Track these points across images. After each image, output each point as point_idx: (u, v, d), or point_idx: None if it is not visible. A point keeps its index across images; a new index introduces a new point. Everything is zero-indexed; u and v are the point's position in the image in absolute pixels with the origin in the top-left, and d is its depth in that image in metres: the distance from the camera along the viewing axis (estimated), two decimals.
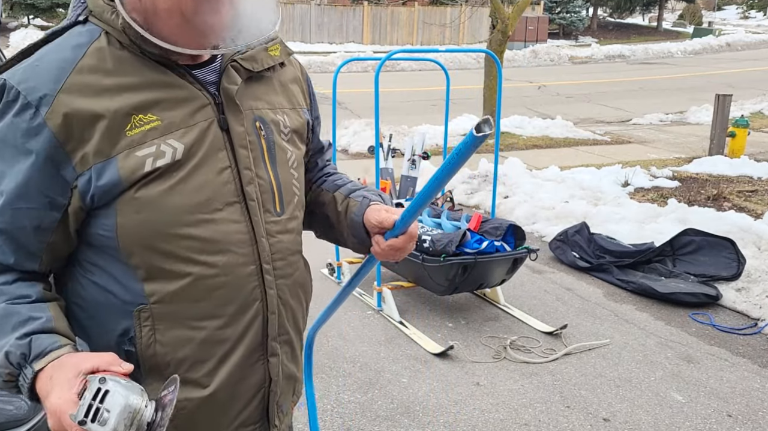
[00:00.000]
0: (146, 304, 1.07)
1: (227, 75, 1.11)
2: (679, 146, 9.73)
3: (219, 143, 1.09)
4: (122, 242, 1.04)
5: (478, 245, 3.79)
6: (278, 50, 1.22)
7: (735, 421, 3.02)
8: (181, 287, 1.07)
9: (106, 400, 0.89)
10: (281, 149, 1.18)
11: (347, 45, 25.95)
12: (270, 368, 1.19)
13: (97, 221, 1.04)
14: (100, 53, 1.03)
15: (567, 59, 23.72)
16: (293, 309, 1.23)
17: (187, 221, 1.05)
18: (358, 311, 4.10)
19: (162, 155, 1.03)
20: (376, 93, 3.92)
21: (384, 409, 3.06)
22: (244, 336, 1.14)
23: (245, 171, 1.11)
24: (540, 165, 7.70)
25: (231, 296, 1.11)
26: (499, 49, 9.52)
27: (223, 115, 1.10)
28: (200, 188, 1.06)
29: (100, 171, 1.01)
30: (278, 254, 1.16)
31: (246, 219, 1.11)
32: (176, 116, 1.06)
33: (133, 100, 1.03)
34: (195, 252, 1.06)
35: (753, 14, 48.83)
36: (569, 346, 3.66)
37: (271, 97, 1.20)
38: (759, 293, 4.25)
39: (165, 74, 1.06)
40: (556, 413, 3.05)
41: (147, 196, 1.03)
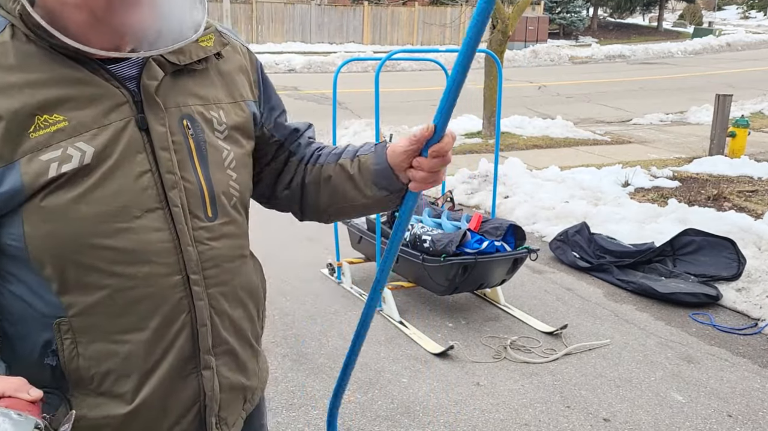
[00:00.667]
0: (65, 316, 1.01)
1: (148, 69, 1.02)
2: (680, 146, 9.73)
3: (137, 144, 1.00)
4: (32, 252, 0.97)
5: (478, 245, 3.79)
6: (211, 40, 1.13)
7: (735, 421, 3.02)
8: (98, 300, 1.01)
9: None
10: (214, 149, 1.09)
11: (347, 45, 25.96)
12: (203, 382, 1.12)
13: (5, 231, 0.98)
14: (3, 47, 0.95)
15: (567, 59, 23.72)
16: (232, 318, 1.15)
17: (101, 231, 0.98)
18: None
19: (68, 159, 0.95)
20: (376, 93, 3.92)
21: (384, 409, 3.06)
22: (170, 349, 1.07)
23: (167, 175, 1.03)
24: (540, 165, 7.70)
25: (154, 308, 1.04)
26: (500, 49, 9.52)
27: (142, 114, 1.01)
28: (115, 195, 0.99)
29: (1, 177, 0.93)
30: (210, 262, 1.09)
31: (170, 227, 1.03)
32: (86, 116, 0.97)
33: (36, 99, 0.94)
34: (111, 263, 1.00)
35: (753, 14, 48.83)
36: (569, 346, 3.66)
37: (207, 91, 1.11)
38: (759, 294, 4.25)
39: (75, 70, 0.97)
40: (557, 413, 3.05)
41: (54, 205, 0.95)
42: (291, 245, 4.76)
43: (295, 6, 26.22)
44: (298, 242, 5.03)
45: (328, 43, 26.22)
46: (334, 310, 4.08)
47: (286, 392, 3.17)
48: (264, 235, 5.02)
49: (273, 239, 5.05)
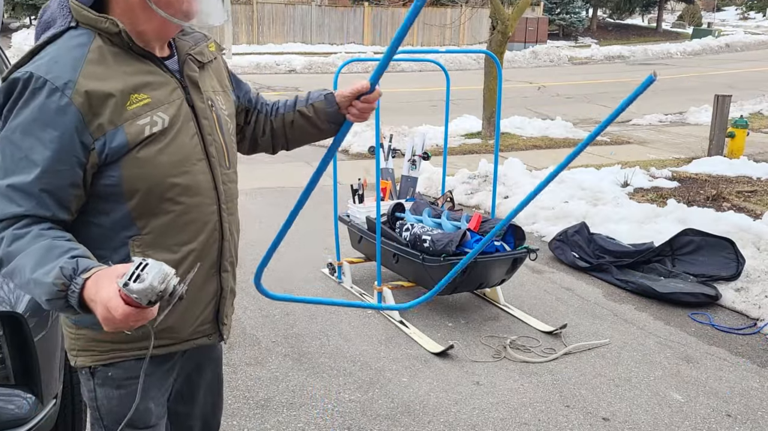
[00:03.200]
0: (139, 234, 1.41)
1: (188, 65, 1.49)
2: (679, 146, 9.75)
3: (189, 115, 1.45)
4: (126, 188, 1.36)
5: (478, 245, 3.80)
6: (213, 47, 1.60)
7: (734, 421, 3.03)
8: (165, 221, 1.42)
9: (146, 268, 1.16)
10: (224, 122, 1.56)
11: (348, 46, 25.96)
12: (222, 280, 1.58)
13: (105, 174, 1.35)
14: (100, 50, 1.36)
15: (567, 60, 23.73)
16: (235, 240, 1.61)
17: (173, 172, 1.40)
18: (359, 310, 4.11)
19: (155, 123, 1.38)
20: None
21: (384, 408, 3.06)
22: (207, 255, 1.51)
23: (207, 136, 1.48)
24: (540, 165, 7.71)
25: (202, 227, 1.48)
26: (499, 49, 9.53)
27: (189, 95, 1.46)
28: (180, 149, 1.42)
29: (112, 136, 1.33)
30: (228, 197, 1.55)
31: (209, 171, 1.49)
32: (160, 95, 1.40)
33: (130, 83, 1.36)
34: (178, 195, 1.42)
35: (752, 15, 48.84)
36: (569, 346, 3.67)
37: (213, 83, 1.57)
38: (758, 293, 4.26)
39: (147, 65, 1.41)
40: (556, 412, 3.06)
41: (146, 155, 1.36)
42: (292, 245, 4.76)
43: (295, 7, 26.22)
44: (298, 242, 5.03)
45: (328, 43, 26.22)
46: (335, 309, 4.08)
47: (286, 391, 3.18)
48: (265, 235, 5.03)
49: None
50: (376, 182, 4.09)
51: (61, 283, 1.21)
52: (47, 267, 1.23)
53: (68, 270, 1.22)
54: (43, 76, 1.29)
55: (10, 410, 2.10)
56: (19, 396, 2.13)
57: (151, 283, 1.15)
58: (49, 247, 1.27)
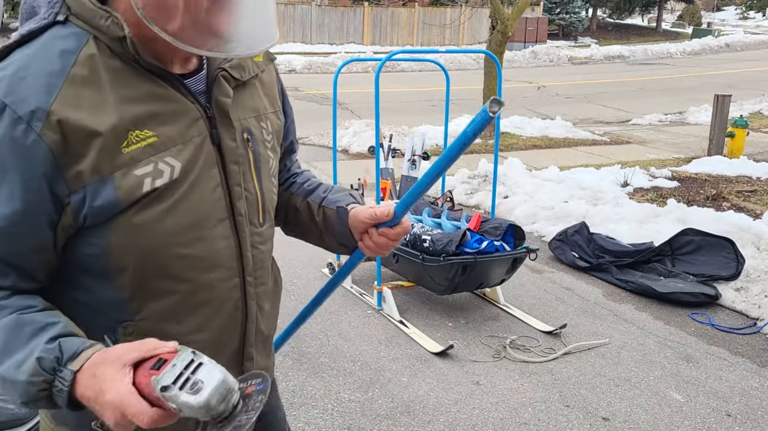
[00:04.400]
0: (132, 320, 1.04)
1: (218, 86, 1.06)
2: (678, 146, 9.75)
3: (211, 159, 1.05)
4: (114, 262, 0.99)
5: (477, 244, 3.80)
6: (261, 56, 1.18)
7: (734, 420, 3.03)
8: (168, 305, 1.05)
9: (200, 372, 0.83)
10: (265, 160, 1.16)
11: (348, 46, 25.97)
12: (244, 370, 1.20)
13: (86, 240, 0.98)
14: (91, 62, 0.95)
15: (566, 60, 23.73)
16: (268, 313, 1.24)
17: (181, 241, 1.02)
18: (359, 310, 4.11)
19: (160, 174, 0.98)
20: (376, 93, 3.93)
21: (384, 408, 3.07)
22: (224, 345, 1.15)
23: (236, 187, 1.09)
24: (540, 165, 7.71)
25: (216, 310, 1.10)
26: (499, 49, 9.53)
27: (216, 129, 1.05)
28: (196, 208, 1.03)
29: (95, 191, 0.94)
30: (259, 264, 1.17)
31: (234, 234, 1.10)
32: (172, 131, 1.00)
33: (129, 115, 0.96)
34: (186, 270, 1.04)
35: (752, 15, 48.87)
36: (569, 345, 3.67)
37: (256, 102, 1.16)
38: (758, 293, 4.26)
39: (159, 86, 1.00)
40: (556, 412, 3.06)
41: (144, 219, 0.98)
42: (292, 245, 4.75)
43: (295, 6, 26.22)
44: (298, 242, 5.03)
45: (328, 43, 26.22)
46: (335, 309, 4.09)
47: (286, 391, 3.18)
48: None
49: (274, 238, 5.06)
50: (376, 182, 4.09)
51: (40, 381, 0.89)
52: (17, 357, 0.90)
53: (48, 361, 0.89)
54: (2, 98, 0.91)
55: (10, 410, 2.10)
56: None
57: (209, 400, 0.81)
58: (16, 325, 0.93)
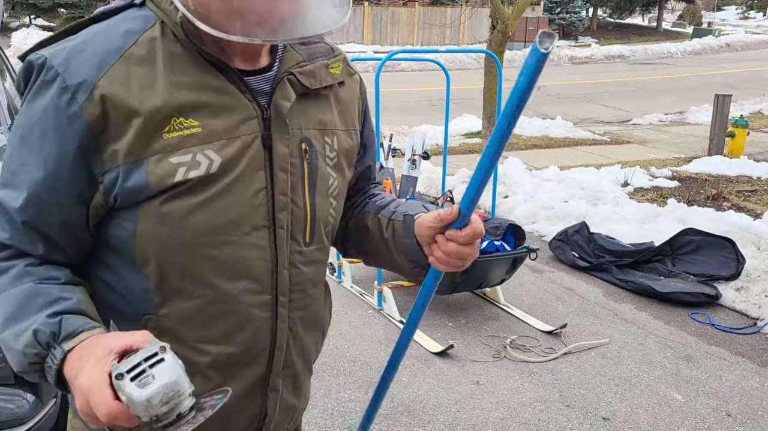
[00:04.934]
0: (154, 314, 1.00)
1: (281, 88, 1.01)
2: (679, 146, 9.75)
3: (259, 161, 0.99)
4: (138, 249, 0.96)
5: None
6: (339, 68, 1.12)
7: (734, 420, 3.03)
8: (190, 308, 1.00)
9: (158, 367, 0.80)
10: (323, 176, 1.08)
11: (348, 45, 25.95)
12: (268, 402, 1.12)
13: (116, 223, 0.97)
14: (151, 44, 0.95)
15: (567, 59, 23.73)
16: (304, 342, 1.14)
17: (210, 241, 0.97)
18: (359, 310, 4.11)
19: (196, 165, 0.94)
20: (376, 93, 3.93)
21: (384, 408, 3.06)
22: (247, 368, 1.07)
23: (280, 196, 1.02)
24: (540, 165, 7.71)
25: (240, 325, 1.03)
26: (499, 49, 9.53)
27: (269, 131, 1.00)
28: (231, 208, 0.97)
29: (128, 172, 0.92)
30: (297, 286, 1.08)
31: (271, 246, 1.02)
32: (219, 125, 0.96)
33: (177, 101, 0.94)
34: (211, 275, 0.99)
35: (752, 15, 48.86)
36: (569, 345, 3.67)
37: (326, 116, 1.09)
38: (758, 293, 4.26)
39: (216, 77, 0.97)
40: (556, 412, 3.06)
41: (173, 209, 0.94)
42: None
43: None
44: None
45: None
46: (335, 309, 4.05)
47: None
48: None
49: None
50: None
51: (33, 353, 0.88)
52: (21, 325, 0.90)
53: (45, 335, 0.88)
54: (56, 66, 0.92)
55: (10, 409, 2.10)
56: (19, 395, 2.13)
57: (151, 397, 0.78)
58: (31, 293, 0.92)
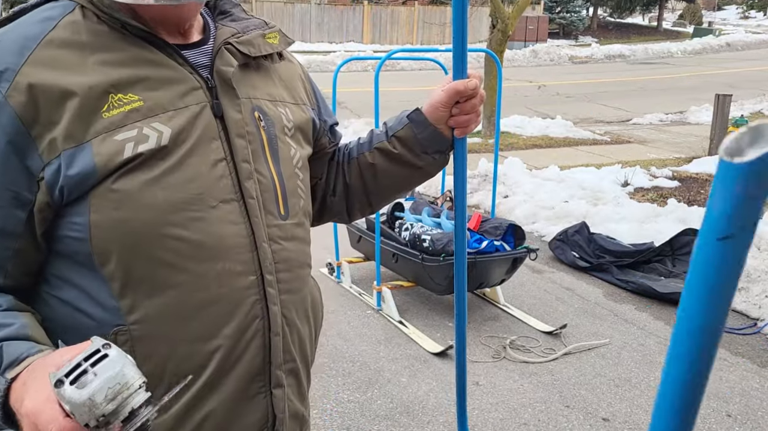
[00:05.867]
0: (123, 324, 0.89)
1: (221, 57, 0.97)
2: (679, 145, 9.74)
3: (212, 130, 0.94)
4: (96, 245, 0.87)
5: (477, 244, 3.79)
6: (276, 38, 1.08)
7: (734, 421, 3.02)
8: (165, 301, 0.90)
9: (99, 364, 0.72)
10: (284, 145, 1.03)
11: (347, 44, 25.94)
12: (275, 402, 1.00)
13: (67, 221, 0.88)
14: (73, 26, 0.90)
15: (567, 59, 23.71)
16: (300, 332, 1.04)
17: (174, 220, 0.89)
18: (358, 310, 4.10)
19: (144, 139, 0.88)
20: (376, 92, 3.91)
21: (383, 408, 3.06)
22: (240, 361, 0.95)
23: (243, 164, 0.95)
24: (540, 165, 7.70)
25: (227, 313, 0.93)
26: (499, 48, 9.52)
27: (217, 100, 0.95)
28: (190, 181, 0.90)
29: (71, 158, 0.85)
30: (283, 264, 0.99)
31: (245, 220, 0.95)
32: (162, 97, 0.91)
33: (110, 77, 0.88)
34: (183, 258, 0.89)
35: (753, 14, 48.84)
36: (569, 346, 3.67)
37: (271, 89, 1.06)
38: (758, 293, 4.25)
39: (150, 51, 0.92)
40: (556, 412, 3.06)
41: (127, 188, 0.86)
42: None
43: (294, 5, 26.21)
44: None
45: (327, 42, 26.21)
46: (333, 309, 4.08)
47: None
48: None
49: None
50: None
51: None
52: None
53: None
54: None
55: None
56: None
57: (93, 395, 0.69)
58: None
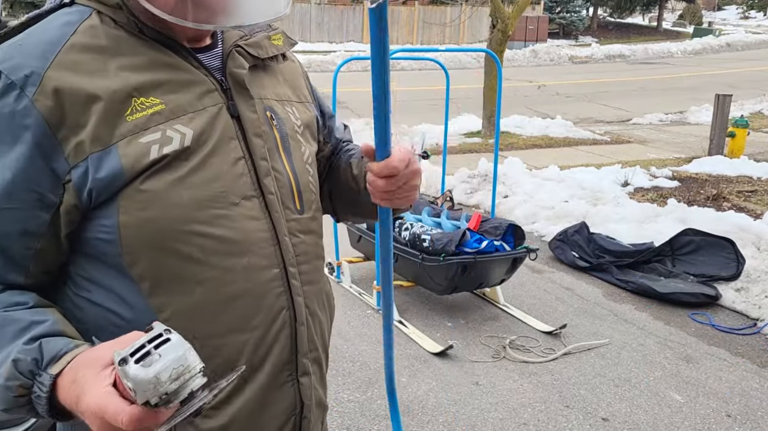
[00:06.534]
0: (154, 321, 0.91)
1: (233, 59, 1.00)
2: (679, 145, 9.74)
3: (230, 131, 0.97)
4: (126, 246, 0.90)
5: (477, 244, 3.79)
6: (281, 40, 1.11)
7: (734, 421, 3.02)
8: (195, 298, 0.93)
9: (163, 347, 0.74)
10: (296, 142, 1.07)
11: (347, 44, 25.94)
12: (302, 390, 1.04)
13: (95, 224, 0.90)
14: (93, 31, 0.91)
15: (567, 59, 23.72)
16: (321, 322, 1.09)
17: (200, 217, 0.92)
18: (358, 310, 4.10)
19: (168, 141, 0.91)
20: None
21: (383, 408, 3.06)
22: (270, 352, 0.99)
23: (261, 162, 0.99)
24: (540, 165, 7.70)
25: (255, 305, 0.97)
26: (499, 48, 9.52)
27: (233, 101, 0.98)
28: (213, 180, 0.94)
29: (98, 161, 0.87)
30: (303, 257, 1.03)
31: (266, 216, 0.98)
32: (182, 100, 0.94)
33: (132, 81, 0.90)
34: (210, 254, 0.93)
35: (753, 14, 48.84)
36: (568, 346, 3.67)
37: (278, 89, 1.09)
38: (758, 293, 4.25)
39: (167, 55, 0.95)
40: (555, 412, 3.06)
41: (154, 188, 0.89)
42: None
43: (294, 5, 26.20)
44: None
45: (327, 42, 26.21)
46: None
47: None
48: None
49: None
50: None
51: (17, 386, 0.81)
52: None
53: (26, 364, 0.81)
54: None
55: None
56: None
57: (159, 374, 0.72)
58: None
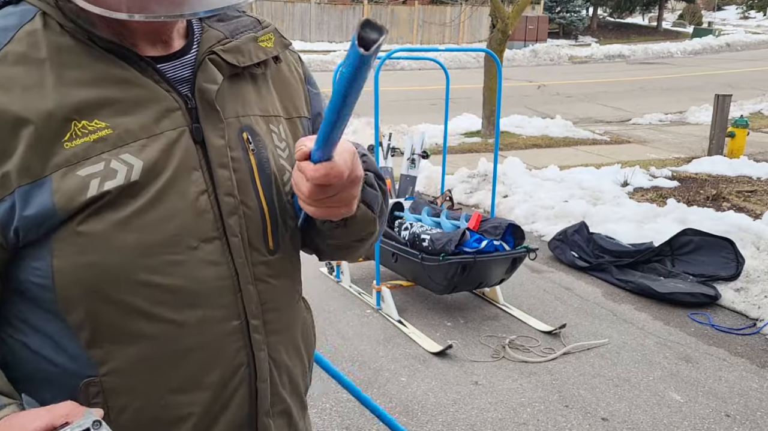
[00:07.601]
0: (95, 376, 0.80)
1: (204, 71, 0.84)
2: (679, 146, 9.74)
3: (192, 159, 0.82)
4: (60, 292, 0.77)
5: (477, 244, 3.79)
6: (271, 41, 0.94)
7: (733, 421, 3.02)
8: (140, 352, 0.81)
9: None
10: (279, 169, 0.91)
11: (347, 44, 25.86)
12: None
13: (26, 265, 0.77)
14: (31, 38, 0.77)
15: (567, 59, 23.72)
16: (290, 371, 0.97)
17: (148, 264, 0.78)
18: (357, 310, 4.10)
19: (113, 174, 0.76)
20: (375, 92, 3.91)
21: (383, 408, 3.05)
22: (223, 412, 0.88)
23: (226, 198, 0.84)
24: (539, 165, 7.71)
25: (207, 362, 0.85)
26: (499, 48, 9.52)
27: (198, 123, 0.83)
28: (166, 220, 0.79)
29: (26, 196, 0.74)
30: (271, 304, 0.90)
31: (228, 260, 0.84)
32: (133, 123, 0.79)
33: (73, 100, 0.76)
34: (159, 306, 0.80)
35: (753, 14, 48.84)
36: (568, 345, 3.67)
37: (263, 102, 0.92)
38: (758, 294, 4.25)
39: (121, 68, 0.79)
40: (555, 412, 3.06)
41: (94, 230, 0.76)
42: None
43: (294, 4, 26.20)
44: None
45: (327, 41, 26.20)
46: (333, 309, 4.08)
47: None
48: None
49: None
50: None
51: None
52: None
53: None
54: None
55: None
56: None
57: None
58: None
